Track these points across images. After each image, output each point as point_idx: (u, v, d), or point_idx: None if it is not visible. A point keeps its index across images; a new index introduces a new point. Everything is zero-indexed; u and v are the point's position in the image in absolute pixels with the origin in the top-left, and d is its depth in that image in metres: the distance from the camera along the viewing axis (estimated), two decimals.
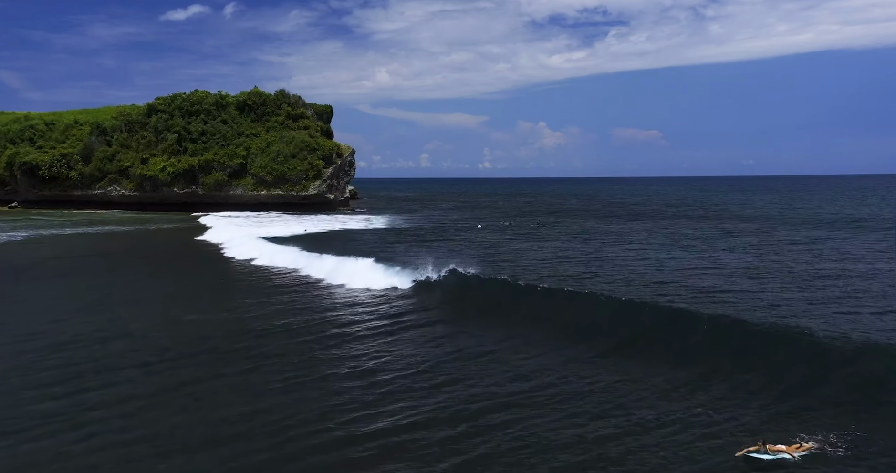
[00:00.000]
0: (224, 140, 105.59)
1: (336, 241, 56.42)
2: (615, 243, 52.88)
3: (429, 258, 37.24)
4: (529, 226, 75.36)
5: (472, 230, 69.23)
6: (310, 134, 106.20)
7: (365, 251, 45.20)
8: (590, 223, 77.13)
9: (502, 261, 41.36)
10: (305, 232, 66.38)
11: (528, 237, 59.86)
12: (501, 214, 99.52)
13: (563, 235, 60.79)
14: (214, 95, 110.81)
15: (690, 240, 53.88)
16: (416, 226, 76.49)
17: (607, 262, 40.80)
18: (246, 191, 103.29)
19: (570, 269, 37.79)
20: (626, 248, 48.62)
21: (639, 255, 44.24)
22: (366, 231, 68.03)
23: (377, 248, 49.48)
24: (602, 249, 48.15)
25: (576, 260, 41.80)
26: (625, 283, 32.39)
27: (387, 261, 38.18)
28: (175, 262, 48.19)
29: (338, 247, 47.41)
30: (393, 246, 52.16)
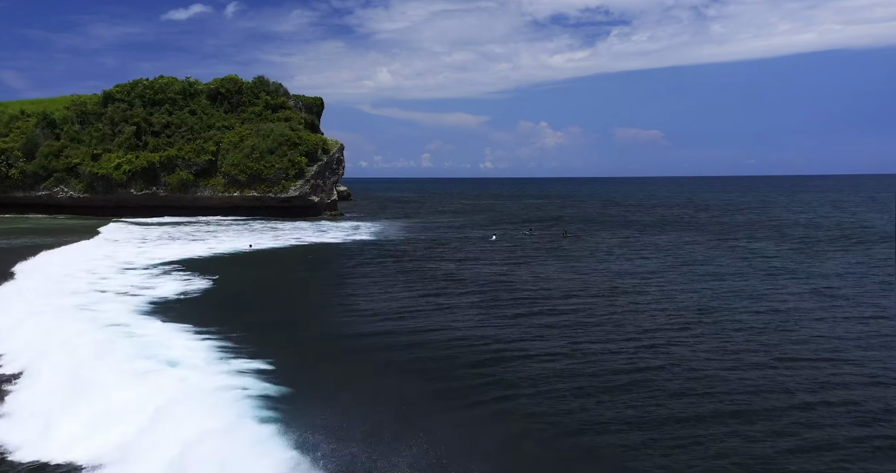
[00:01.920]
0: (191, 133, 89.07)
1: (264, 275, 39.25)
2: (685, 266, 36.40)
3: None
4: (556, 236, 58.98)
5: (482, 243, 52.74)
6: (291, 126, 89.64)
7: (294, 309, 28.82)
8: (626, 233, 60.62)
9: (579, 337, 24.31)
10: (251, 248, 49.56)
11: (564, 255, 43.30)
12: (511, 219, 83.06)
13: (611, 254, 44.22)
14: (182, 82, 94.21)
15: (785, 264, 37.40)
16: (412, 235, 59.99)
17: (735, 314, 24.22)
18: (216, 192, 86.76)
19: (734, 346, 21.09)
20: (707, 276, 32.11)
21: (746, 293, 27.72)
22: (340, 247, 51.21)
23: (332, 295, 32.93)
24: (694, 284, 31.56)
25: (689, 312, 25.17)
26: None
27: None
28: None
29: (236, 303, 29.09)
30: (357, 285, 35.01)
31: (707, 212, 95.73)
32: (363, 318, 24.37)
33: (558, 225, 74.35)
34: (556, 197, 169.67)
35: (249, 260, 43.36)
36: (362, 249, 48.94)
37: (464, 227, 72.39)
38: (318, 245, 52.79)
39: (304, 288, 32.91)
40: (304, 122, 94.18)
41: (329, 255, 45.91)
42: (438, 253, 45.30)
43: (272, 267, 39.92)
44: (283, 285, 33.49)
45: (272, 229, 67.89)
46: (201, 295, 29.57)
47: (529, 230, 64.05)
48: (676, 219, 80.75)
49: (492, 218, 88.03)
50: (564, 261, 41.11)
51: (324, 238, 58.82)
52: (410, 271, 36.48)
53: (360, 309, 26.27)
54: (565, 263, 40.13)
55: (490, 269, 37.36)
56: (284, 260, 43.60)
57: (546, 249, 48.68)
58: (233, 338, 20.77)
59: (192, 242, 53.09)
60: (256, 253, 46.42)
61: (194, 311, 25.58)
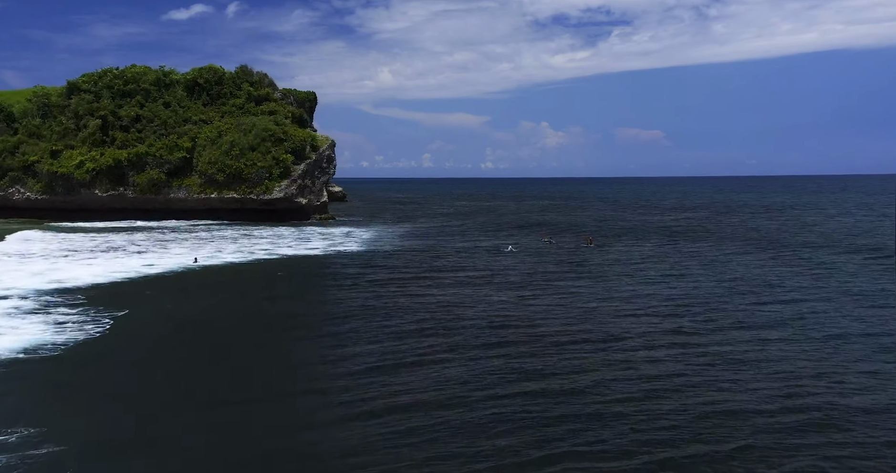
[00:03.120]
0: (164, 128, 79.14)
1: (195, 307, 28.82)
2: (753, 290, 26.58)
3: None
4: (579, 245, 49.23)
5: (492, 255, 42.84)
6: (276, 120, 79.70)
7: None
8: (655, 241, 50.73)
9: None
10: (196, 263, 39.39)
11: (595, 273, 33.37)
12: (518, 222, 73.12)
13: (651, 271, 34.30)
14: (156, 71, 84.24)
15: (880, 284, 27.64)
16: (409, 244, 50.08)
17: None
18: (191, 193, 76.80)
19: None
20: (796, 307, 22.25)
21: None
22: (318, 263, 41.16)
23: (278, 344, 23.08)
24: (784, 321, 21.68)
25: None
26: None
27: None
28: None
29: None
30: (322, 329, 24.85)
31: (732, 216, 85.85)
32: (316, 404, 14.54)
33: (575, 230, 64.48)
34: (561, 198, 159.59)
35: (188, 282, 33.42)
36: (345, 266, 39.07)
37: (468, 233, 62.48)
38: (292, 259, 42.83)
39: (240, 332, 22.99)
40: (292, 116, 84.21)
41: (299, 275, 35.99)
42: (440, 272, 35.44)
43: (214, 294, 30.04)
44: (212, 327, 23.57)
45: (245, 236, 57.96)
46: (65, 350, 19.47)
47: (549, 239, 54.23)
48: (703, 224, 70.83)
49: (497, 221, 78.10)
50: (598, 282, 31.46)
51: (303, 248, 48.89)
52: (399, 304, 26.58)
53: (315, 379, 16.44)
54: (600, 285, 30.51)
55: (505, 296, 27.58)
56: (237, 281, 33.70)
57: (572, 264, 38.91)
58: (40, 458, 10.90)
59: (129, 256, 42.84)
60: (203, 272, 36.48)
61: (22, 389, 15.71)
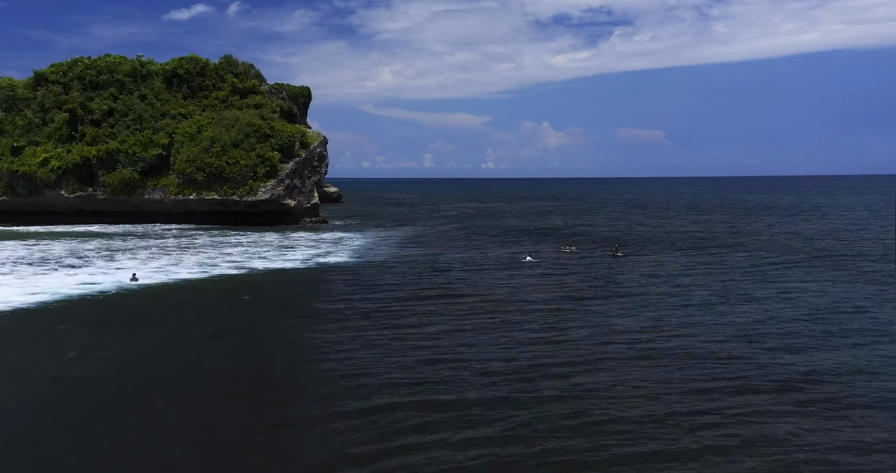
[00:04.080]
0: (139, 122, 71.55)
1: (98, 359, 21.28)
2: (850, 323, 18.93)
3: None
4: (605, 255, 41.73)
5: (509, 269, 35.24)
6: (262, 114, 72.10)
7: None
8: (688, 249, 43.04)
9: None
10: (136, 282, 31.49)
11: (633, 291, 25.71)
12: (526, 225, 65.49)
13: (698, 290, 26.57)
14: (131, 61, 76.60)
15: None
16: (406, 253, 42.42)
17: None
18: (167, 194, 69.19)
19: None
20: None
21: None
22: (293, 281, 33.35)
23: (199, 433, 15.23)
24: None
25: None
26: None
27: None
28: None
29: None
30: (276, 395, 17.32)
31: (757, 218, 78.24)
32: None
33: (590, 235, 56.89)
34: (566, 199, 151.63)
35: (116, 309, 25.75)
36: (326, 286, 31.50)
37: (474, 239, 54.89)
38: (262, 275, 35.19)
39: (154, 402, 15.36)
40: (280, 111, 76.63)
41: (263, 300, 28.34)
42: (443, 294, 27.87)
43: (138, 331, 22.32)
44: (113, 390, 15.95)
45: (219, 244, 50.36)
46: None
47: (569, 247, 46.77)
48: (731, 229, 63.17)
49: (503, 225, 70.47)
50: (643, 307, 24.36)
51: (281, 259, 41.22)
52: (388, 351, 19.00)
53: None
54: (647, 311, 23.51)
55: (529, 331, 20.01)
56: (179, 310, 25.97)
57: (603, 280, 31.45)
58: None
59: (59, 271, 34.88)
60: (141, 295, 28.75)
61: None
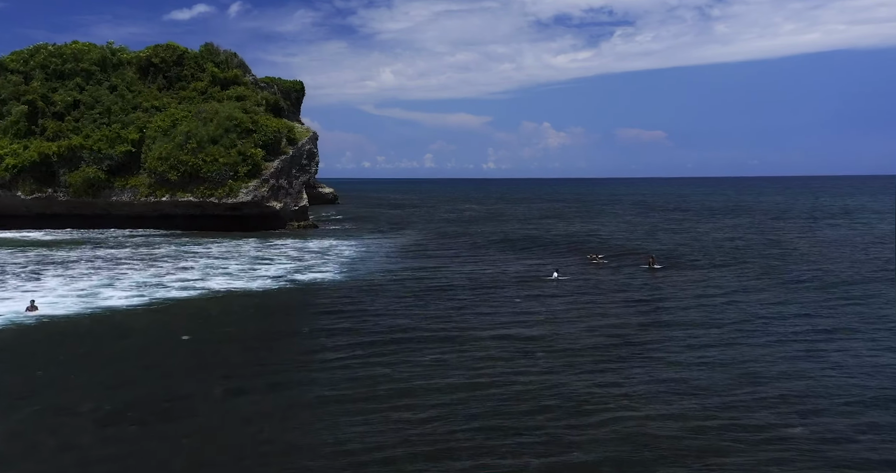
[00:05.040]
0: (108, 116, 63.84)
1: None
2: None
3: None
4: (640, 268, 34.16)
5: (529, 289, 27.47)
6: (244, 107, 64.38)
7: None
8: (730, 264, 35.27)
9: None
10: (33, 312, 23.13)
11: (704, 320, 17.91)
12: (539, 233, 57.71)
13: (786, 323, 18.78)
14: (101, 49, 68.90)
15: None
16: (403, 267, 34.62)
17: None
18: (137, 196, 61.47)
19: None
20: None
21: None
22: (256, 310, 25.30)
23: None
24: None
25: None
26: None
27: None
28: None
29: None
30: None
31: (787, 222, 70.72)
32: None
33: (610, 242, 49.16)
34: (571, 200, 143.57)
35: None
36: (295, 318, 23.80)
37: (481, 249, 47.22)
38: (218, 300, 27.40)
39: None
40: (266, 104, 68.95)
41: (205, 347, 20.54)
42: (449, 329, 20.14)
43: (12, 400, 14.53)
44: None
45: (181, 255, 42.53)
46: None
47: (597, 257, 39.38)
48: (768, 236, 55.45)
49: (511, 231, 62.73)
50: (715, 343, 16.48)
51: (249, 278, 33.43)
52: (371, 434, 11.23)
53: None
54: (724, 350, 15.94)
55: (570, 393, 12.24)
56: (70, 365, 17.96)
57: (648, 304, 24.13)
58: None
59: None
60: (36, 331, 20.93)
61: None
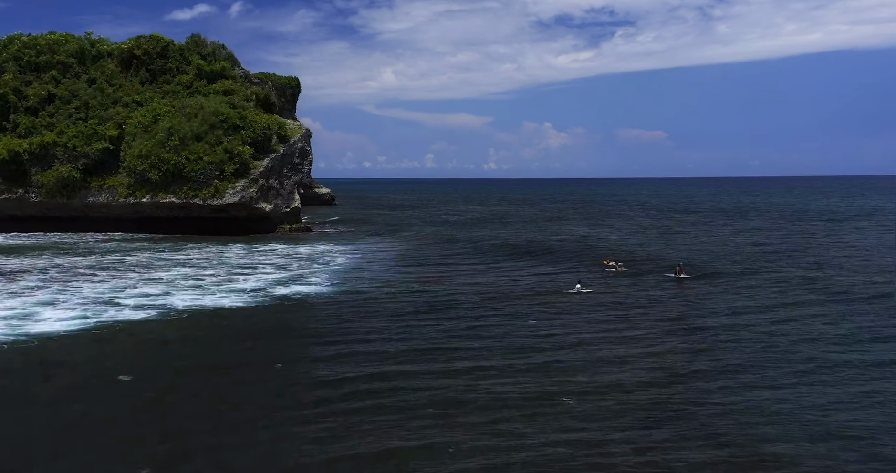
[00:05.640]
0: (85, 111, 59.29)
1: None
2: None
3: None
4: (666, 277, 29.72)
5: (551, 304, 22.88)
6: (232, 102, 59.82)
7: None
8: (764, 273, 30.59)
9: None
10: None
11: (745, 346, 13.24)
12: (548, 237, 53.12)
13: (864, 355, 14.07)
14: (79, 39, 64.34)
15: None
16: (398, 281, 30.03)
17: None
18: (116, 197, 56.90)
19: None
20: None
21: None
22: (214, 341, 20.68)
23: None
24: None
25: None
26: None
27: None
28: None
29: None
30: None
31: (809, 224, 66.19)
32: None
33: (629, 247, 44.53)
34: (575, 201, 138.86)
35: None
36: (268, 348, 19.17)
37: (487, 255, 42.67)
38: (179, 324, 22.84)
39: None
40: (256, 99, 64.35)
41: (154, 381, 15.96)
42: (459, 360, 15.58)
43: None
44: None
45: (153, 265, 37.88)
46: None
47: (616, 263, 35.01)
48: (788, 239, 50.91)
49: (517, 235, 58.15)
50: (788, 377, 12.55)
51: (222, 292, 28.83)
52: None
53: None
54: (803, 387, 11.80)
55: None
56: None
57: (688, 321, 19.72)
58: None
59: None
60: None
61: None
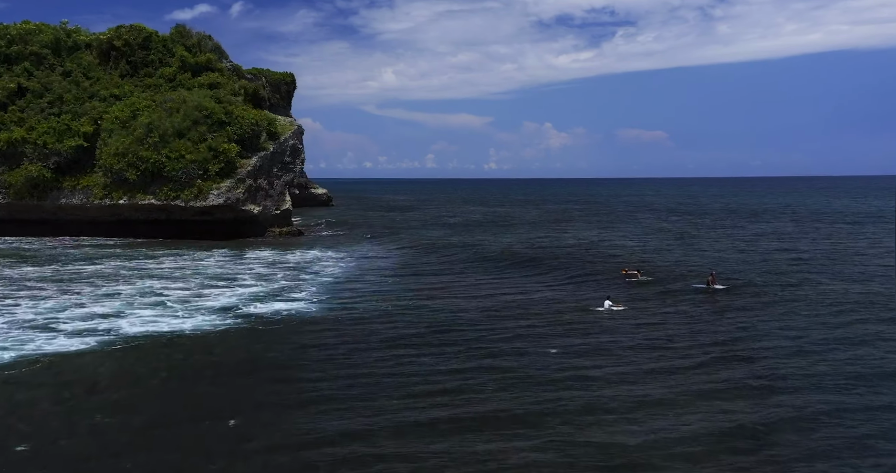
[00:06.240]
0: (59, 105, 54.73)
1: None
2: None
3: None
4: (695, 288, 25.17)
5: (575, 326, 18.23)
6: (218, 96, 55.25)
7: None
8: (807, 283, 25.98)
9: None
10: None
11: None
12: (558, 244, 48.45)
13: None
14: (54, 29, 59.79)
15: None
16: (395, 296, 25.42)
17: None
18: (91, 197, 52.33)
19: None
20: None
21: None
22: (156, 385, 16.00)
23: None
24: None
25: None
26: None
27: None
28: None
29: None
30: None
31: (832, 227, 61.47)
32: None
33: (646, 253, 39.92)
34: (580, 202, 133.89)
35: None
36: (235, 384, 14.67)
37: (492, 263, 38.09)
38: (126, 355, 18.34)
39: None
40: (245, 93, 59.80)
41: (60, 454, 11.32)
42: (464, 399, 11.20)
43: None
44: None
45: (117, 275, 33.28)
46: None
47: (636, 272, 30.73)
48: (817, 244, 46.31)
49: (525, 241, 53.52)
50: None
51: (186, 311, 24.28)
52: None
53: None
54: None
55: None
56: None
57: (737, 344, 15.50)
58: None
59: None
60: None
61: None
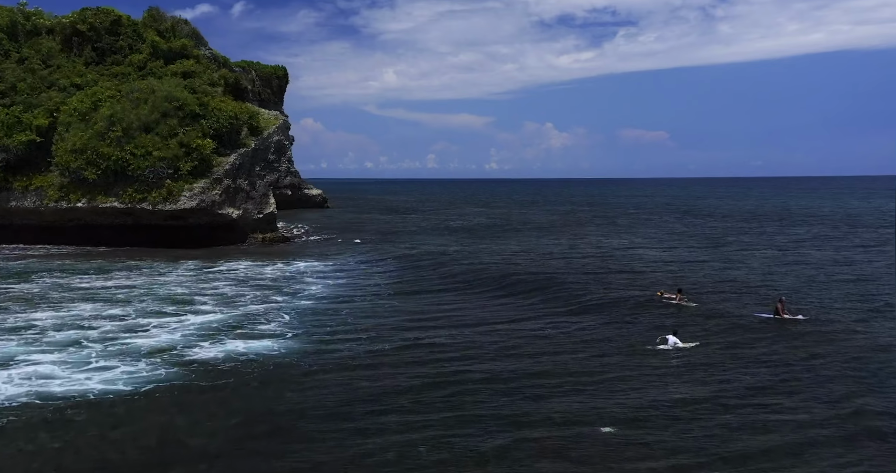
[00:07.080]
0: (12, 95, 48.28)
1: None
2: None
3: None
4: (758, 318, 18.36)
5: (632, 372, 11.67)
6: (191, 85, 48.77)
7: None
8: None
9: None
10: None
11: None
12: (576, 254, 41.85)
13: None
14: (9, 11, 53.35)
15: None
16: (391, 331, 19.01)
17: None
18: (45, 200, 45.84)
19: None
20: None
21: None
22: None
23: None
24: None
25: None
26: None
27: None
28: None
29: None
30: None
31: (877, 232, 55.11)
32: None
33: (677, 266, 33.44)
34: (584, 203, 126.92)
35: None
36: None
37: (501, 282, 31.61)
38: (21, 423, 11.85)
39: None
40: (225, 83, 53.28)
41: None
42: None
43: None
44: None
45: (44, 297, 26.81)
46: None
47: (677, 296, 24.41)
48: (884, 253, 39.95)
49: (537, 250, 47.06)
50: None
51: (107, 357, 17.96)
52: None
53: None
54: None
55: None
56: None
57: (850, 402, 8.21)
58: None
59: None
60: None
61: None
